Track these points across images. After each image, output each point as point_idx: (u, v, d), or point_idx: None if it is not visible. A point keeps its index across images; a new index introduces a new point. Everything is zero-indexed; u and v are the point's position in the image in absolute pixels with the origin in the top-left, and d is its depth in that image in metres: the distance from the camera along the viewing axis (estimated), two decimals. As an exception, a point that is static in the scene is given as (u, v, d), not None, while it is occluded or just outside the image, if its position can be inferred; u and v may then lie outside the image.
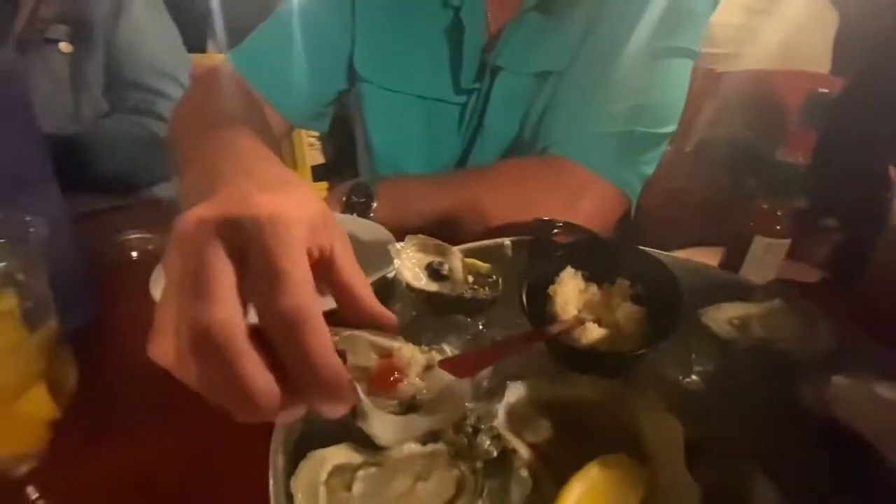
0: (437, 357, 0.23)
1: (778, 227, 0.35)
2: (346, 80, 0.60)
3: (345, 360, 0.20)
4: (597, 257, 0.28)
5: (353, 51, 0.58)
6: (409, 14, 0.55)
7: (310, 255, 0.19)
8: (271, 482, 0.19)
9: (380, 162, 0.63)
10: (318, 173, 1.75)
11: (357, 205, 0.53)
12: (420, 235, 0.33)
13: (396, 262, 0.31)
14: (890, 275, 0.34)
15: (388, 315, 0.21)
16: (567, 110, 0.48)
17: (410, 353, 0.22)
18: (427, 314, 0.30)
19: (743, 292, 0.32)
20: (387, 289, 0.33)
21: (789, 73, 1.29)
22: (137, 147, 0.76)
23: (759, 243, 0.35)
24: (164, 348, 0.16)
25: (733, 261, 0.36)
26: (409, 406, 0.21)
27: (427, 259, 0.33)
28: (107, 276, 0.39)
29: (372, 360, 0.21)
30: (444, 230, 0.47)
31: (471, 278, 0.32)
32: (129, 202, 0.56)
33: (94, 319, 0.34)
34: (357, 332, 0.21)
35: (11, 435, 0.22)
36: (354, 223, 0.46)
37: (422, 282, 0.30)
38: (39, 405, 0.23)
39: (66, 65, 0.74)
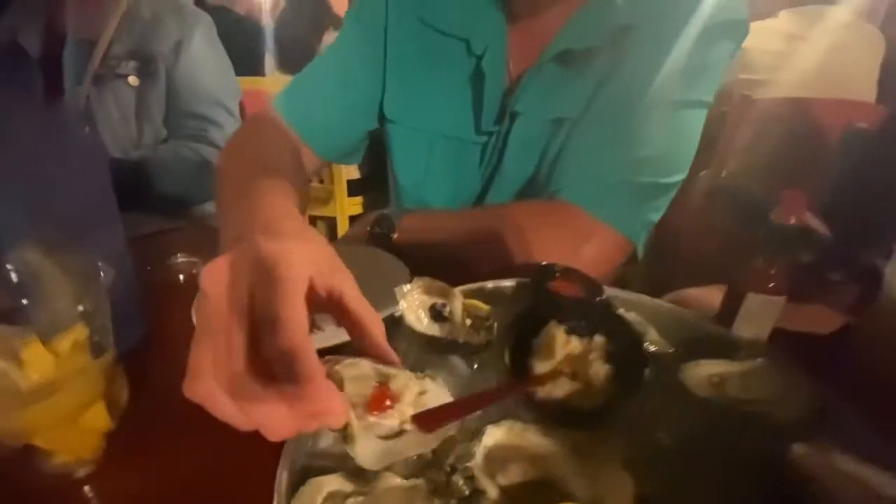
0: (430, 384, 0.26)
1: (772, 285, 0.36)
2: (377, 121, 0.65)
3: (342, 388, 0.23)
4: (580, 312, 0.31)
5: (384, 96, 0.62)
6: (435, 61, 0.58)
7: (319, 296, 0.23)
8: (275, 502, 0.22)
9: (404, 193, 0.68)
10: (354, 188, 1.84)
11: (380, 235, 0.58)
12: (426, 278, 0.37)
13: (402, 303, 0.34)
14: (875, 351, 0.34)
15: (391, 354, 0.25)
16: (577, 157, 0.51)
17: (405, 381, 0.25)
18: (427, 353, 0.34)
19: (727, 348, 0.33)
20: (395, 325, 0.36)
21: (830, 102, 1.24)
22: (190, 170, 0.84)
23: (753, 300, 0.36)
24: (197, 390, 0.20)
25: (728, 314, 0.37)
26: (399, 431, 0.24)
27: (431, 300, 0.36)
28: (156, 296, 0.45)
29: (371, 388, 0.25)
30: (457, 264, 0.51)
31: (469, 321, 0.35)
32: (177, 226, 0.62)
33: (143, 339, 0.39)
34: (360, 360, 0.25)
35: (74, 444, 0.27)
36: (374, 257, 0.50)
37: (423, 324, 0.34)
38: (98, 419, 0.28)
39: (133, 96, 0.83)
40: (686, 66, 0.48)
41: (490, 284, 0.40)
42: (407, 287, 0.35)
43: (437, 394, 0.25)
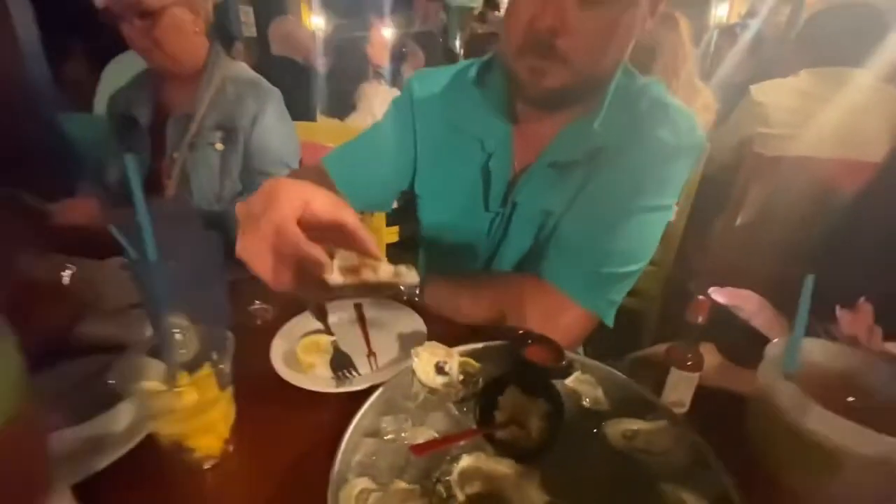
0: (404, 271, 0.45)
1: (689, 364, 0.48)
2: (408, 186, 0.81)
3: (332, 256, 0.42)
4: (534, 379, 0.44)
5: (414, 172, 0.78)
6: (456, 152, 0.74)
7: (324, 222, 0.41)
8: (329, 494, 0.37)
9: (428, 248, 0.83)
10: (392, 218, 2.03)
11: (408, 291, 0.73)
12: (433, 342, 0.51)
13: (415, 360, 0.49)
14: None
15: (379, 254, 0.43)
16: (559, 245, 0.64)
17: (384, 267, 0.44)
18: (430, 399, 0.48)
19: (646, 409, 0.46)
20: (410, 375, 0.51)
21: (846, 163, 1.29)
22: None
23: (674, 374, 0.48)
24: (246, 245, 0.37)
25: (659, 384, 0.50)
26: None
27: (436, 359, 0.50)
28: (238, 337, 0.61)
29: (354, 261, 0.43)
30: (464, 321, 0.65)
31: (461, 377, 0.49)
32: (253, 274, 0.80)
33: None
34: (353, 253, 0.43)
35: (206, 444, 0.44)
36: (402, 316, 0.66)
37: (429, 378, 0.48)
38: (220, 428, 0.44)
39: (218, 159, 1.03)
40: (648, 180, 0.61)
41: (480, 345, 0.54)
42: (419, 349, 0.50)
43: (409, 272, 0.45)
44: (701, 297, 0.47)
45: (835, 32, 1.41)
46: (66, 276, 0.58)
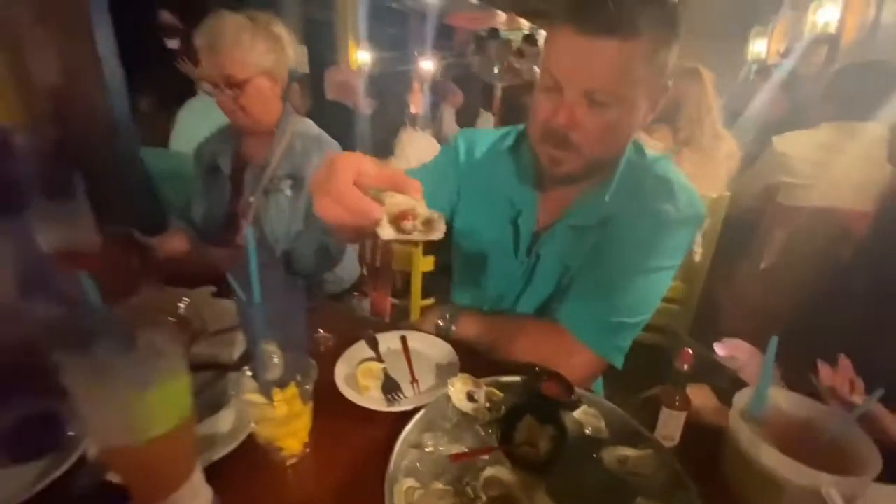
0: (436, 215, 0.55)
1: (677, 404, 0.58)
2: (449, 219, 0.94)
3: (382, 203, 0.51)
4: (546, 409, 0.56)
5: (454, 211, 0.91)
6: (491, 204, 0.86)
7: (374, 177, 0.51)
8: (386, 488, 0.50)
9: (460, 281, 0.96)
10: (427, 248, 2.18)
11: (443, 328, 0.86)
12: (465, 375, 0.63)
13: (450, 389, 0.61)
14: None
15: (418, 193, 0.53)
16: (574, 294, 0.75)
17: (422, 209, 0.54)
18: (462, 421, 0.60)
19: (637, 440, 0.56)
20: (446, 401, 0.63)
21: (863, 214, 1.34)
22: (317, 254, 1.19)
23: (664, 412, 0.58)
24: (320, 206, 0.50)
25: (653, 418, 0.60)
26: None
27: (467, 388, 0.63)
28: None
29: (400, 209, 0.53)
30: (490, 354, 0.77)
31: (487, 404, 0.61)
32: (315, 305, 0.95)
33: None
34: (398, 195, 0.53)
35: (292, 445, 0.57)
36: (437, 347, 0.78)
37: (461, 404, 0.60)
38: (303, 432, 0.58)
39: (287, 204, 1.21)
40: (651, 246, 0.72)
41: (504, 378, 0.66)
42: (454, 380, 0.62)
43: (439, 221, 0.55)
44: (686, 349, 0.57)
45: (858, 88, 1.47)
46: (183, 306, 0.74)
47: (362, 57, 5.73)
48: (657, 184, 0.74)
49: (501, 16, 8.31)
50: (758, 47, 4.80)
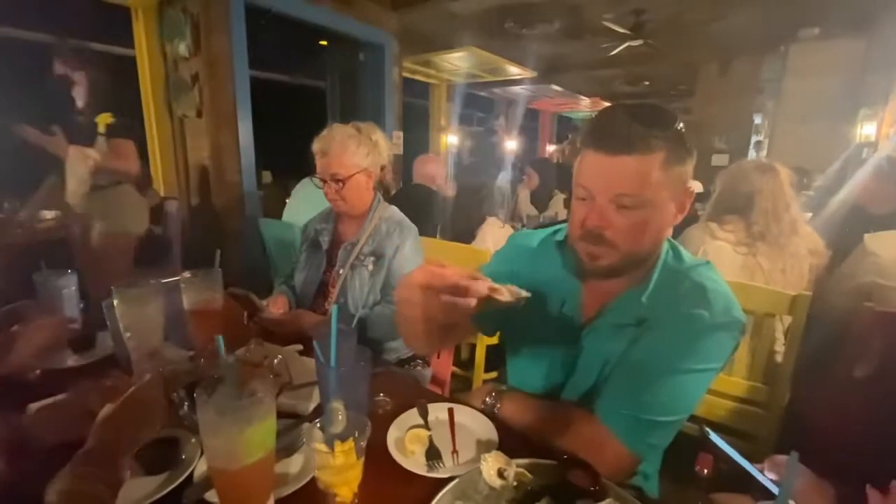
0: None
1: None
2: None
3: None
4: (567, 495, 0.61)
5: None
6: (540, 296, 0.95)
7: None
8: None
9: (512, 363, 1.03)
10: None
11: (490, 405, 0.93)
12: (499, 452, 0.70)
13: (483, 463, 0.69)
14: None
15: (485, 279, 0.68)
16: (609, 388, 0.79)
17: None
18: (490, 497, 0.66)
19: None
20: (478, 475, 0.70)
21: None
22: (389, 321, 1.35)
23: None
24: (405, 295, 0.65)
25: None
26: None
27: (498, 465, 0.69)
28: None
29: None
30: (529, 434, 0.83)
31: (515, 483, 0.67)
32: (381, 370, 1.08)
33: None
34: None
35: (346, 491, 0.68)
36: (480, 423, 0.86)
37: (491, 480, 0.67)
38: (356, 480, 0.68)
39: (368, 277, 1.41)
40: (684, 348, 0.75)
41: (535, 461, 0.71)
42: (488, 455, 0.70)
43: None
44: (706, 454, 0.59)
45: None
46: (276, 360, 0.91)
47: (451, 140, 6.30)
48: (693, 289, 0.79)
49: (585, 100, 8.68)
50: (867, 130, 4.48)
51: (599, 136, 0.75)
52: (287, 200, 2.81)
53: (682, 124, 0.75)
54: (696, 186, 2.83)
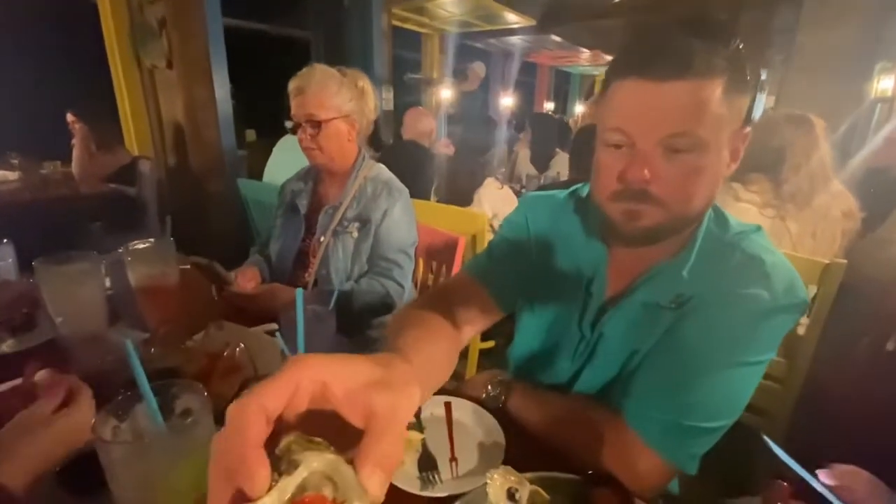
0: None
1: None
2: None
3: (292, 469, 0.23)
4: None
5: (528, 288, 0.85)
6: (559, 266, 0.80)
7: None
8: None
9: (517, 355, 0.89)
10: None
11: (493, 398, 0.79)
12: (508, 468, 0.57)
13: (489, 483, 0.55)
14: None
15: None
16: (640, 387, 0.65)
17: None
18: (499, 521, 0.54)
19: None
20: (482, 497, 0.57)
21: None
22: (376, 298, 1.20)
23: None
24: None
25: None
26: None
27: (508, 484, 0.56)
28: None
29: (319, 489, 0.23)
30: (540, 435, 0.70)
31: (529, 507, 0.54)
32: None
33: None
34: (340, 461, 0.24)
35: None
36: (483, 422, 0.73)
37: (498, 502, 0.54)
38: None
39: (352, 245, 1.24)
40: (737, 336, 0.61)
41: (553, 475, 0.58)
42: (495, 473, 0.56)
43: None
44: (782, 482, 0.46)
45: None
46: (239, 350, 0.76)
47: (444, 94, 5.96)
48: (747, 263, 0.64)
49: (585, 52, 8.24)
50: (884, 84, 4.23)
51: (643, 57, 0.58)
52: (273, 160, 2.59)
53: (741, 42, 0.58)
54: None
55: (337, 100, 1.19)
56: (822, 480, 0.56)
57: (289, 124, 1.22)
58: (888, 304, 1.32)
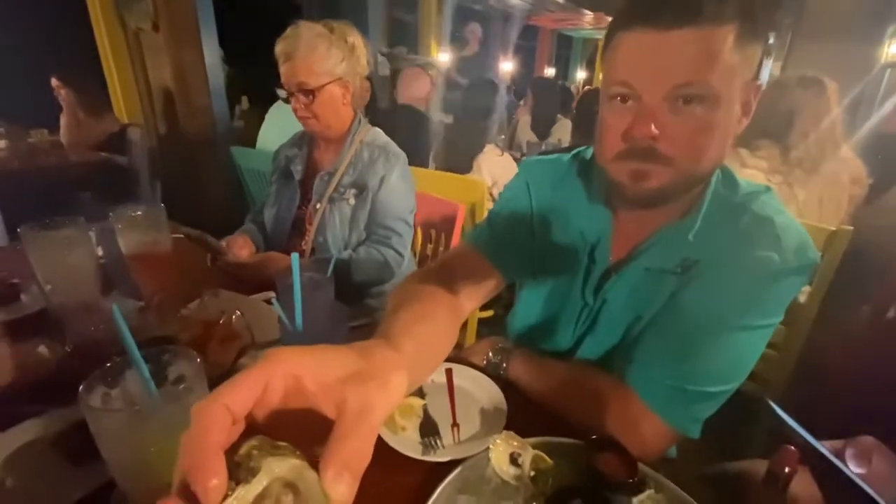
0: None
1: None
2: None
3: (253, 474, 0.22)
4: (598, 492, 0.47)
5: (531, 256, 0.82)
6: (562, 232, 0.77)
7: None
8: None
9: (517, 322, 0.88)
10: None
11: (495, 364, 0.79)
12: (510, 433, 0.56)
13: (491, 449, 0.55)
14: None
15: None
16: (645, 353, 0.64)
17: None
18: (500, 489, 0.53)
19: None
20: (485, 462, 0.56)
21: None
22: (375, 266, 1.18)
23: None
24: None
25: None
26: None
27: (510, 449, 0.56)
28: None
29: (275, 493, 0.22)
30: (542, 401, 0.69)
31: (532, 472, 0.54)
32: (363, 324, 0.93)
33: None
34: (303, 466, 0.23)
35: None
36: (485, 388, 0.72)
37: (501, 467, 0.54)
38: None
39: (349, 212, 1.21)
40: (745, 300, 0.59)
41: (556, 440, 0.58)
42: (497, 438, 0.56)
43: None
44: (789, 447, 0.46)
45: None
46: (235, 318, 0.75)
47: (443, 58, 5.76)
48: (756, 224, 0.61)
49: (588, 14, 7.95)
50: (894, 49, 4.10)
51: (649, 5, 0.54)
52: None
53: None
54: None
55: (327, 63, 1.13)
56: (850, 465, 0.54)
57: (282, 93, 1.16)
58: (892, 272, 1.30)
